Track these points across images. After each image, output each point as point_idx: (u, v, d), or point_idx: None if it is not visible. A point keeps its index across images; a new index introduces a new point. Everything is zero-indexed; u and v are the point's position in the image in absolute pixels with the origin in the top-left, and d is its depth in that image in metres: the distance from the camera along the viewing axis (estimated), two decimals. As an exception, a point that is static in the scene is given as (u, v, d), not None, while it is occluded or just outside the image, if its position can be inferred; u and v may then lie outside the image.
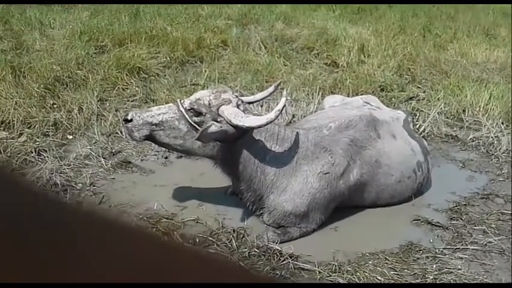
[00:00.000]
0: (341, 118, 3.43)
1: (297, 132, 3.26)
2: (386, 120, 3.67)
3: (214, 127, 2.86)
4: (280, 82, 3.59)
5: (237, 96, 3.02)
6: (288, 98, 4.53)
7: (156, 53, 5.97)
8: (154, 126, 2.95)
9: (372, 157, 3.40)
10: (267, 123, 2.93)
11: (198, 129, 2.87)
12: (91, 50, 5.72)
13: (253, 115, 3.04)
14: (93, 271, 0.41)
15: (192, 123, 2.91)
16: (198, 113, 2.92)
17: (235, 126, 2.87)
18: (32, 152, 3.68)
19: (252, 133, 3.04)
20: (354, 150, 3.33)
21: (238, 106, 2.96)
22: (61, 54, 5.33)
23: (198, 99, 2.96)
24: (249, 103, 3.47)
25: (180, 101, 3.00)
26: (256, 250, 2.98)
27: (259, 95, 3.61)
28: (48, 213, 0.46)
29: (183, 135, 2.97)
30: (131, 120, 2.94)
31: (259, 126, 2.93)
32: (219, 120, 2.90)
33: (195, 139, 2.88)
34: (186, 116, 2.92)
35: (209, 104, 2.93)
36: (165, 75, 5.52)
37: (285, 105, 3.01)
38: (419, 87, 5.89)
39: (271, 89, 3.49)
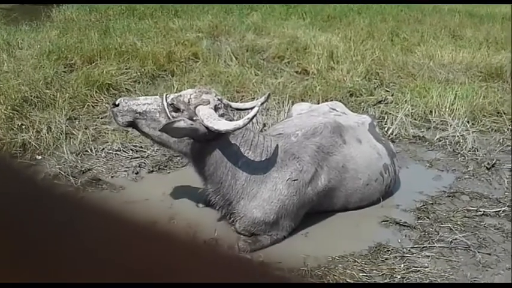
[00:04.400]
0: (307, 126, 3.50)
1: (270, 139, 3.32)
2: (351, 126, 3.74)
3: (183, 123, 2.94)
4: (270, 93, 3.65)
5: (219, 100, 3.09)
6: (260, 107, 4.60)
7: (126, 69, 5.98)
8: (138, 115, 3.10)
9: (338, 162, 3.46)
10: (234, 129, 3.00)
11: None
12: (60, 68, 5.71)
13: (229, 120, 3.08)
14: (94, 269, 0.40)
15: (170, 117, 3.01)
16: (177, 109, 3.04)
17: (206, 127, 2.94)
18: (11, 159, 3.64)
19: (227, 137, 3.10)
20: (321, 156, 3.39)
21: (217, 109, 3.02)
22: (29, 74, 5.29)
23: (180, 95, 3.10)
24: (238, 109, 3.52)
25: (166, 95, 3.13)
26: (227, 260, 3.00)
27: (248, 104, 3.66)
28: (50, 208, 0.45)
29: None
30: (118, 105, 3.09)
31: (227, 131, 2.99)
32: (194, 118, 2.98)
33: (158, 130, 2.96)
34: (167, 110, 3.04)
35: (188, 102, 3.03)
36: (135, 91, 5.53)
37: (255, 115, 3.08)
38: (387, 91, 6.01)
39: (262, 99, 3.54)
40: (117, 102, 3.14)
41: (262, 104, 3.64)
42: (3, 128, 4.23)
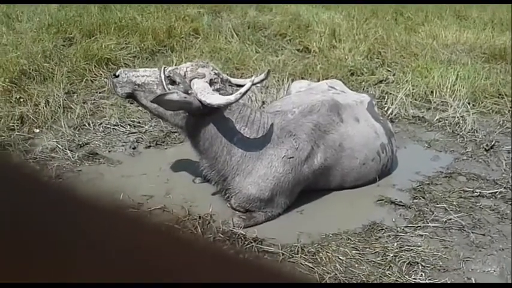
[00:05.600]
0: (304, 103, 3.48)
1: (267, 116, 3.31)
2: (349, 104, 3.72)
3: (175, 95, 2.94)
4: (269, 70, 3.58)
5: (216, 74, 3.06)
6: (258, 85, 4.56)
7: (125, 44, 5.92)
8: (136, 86, 3.11)
9: (335, 141, 3.45)
10: (226, 104, 2.99)
11: None
12: (59, 42, 5.66)
13: (225, 95, 3.04)
14: (96, 268, 0.39)
15: (167, 90, 3.01)
16: (173, 82, 3.04)
17: (200, 101, 2.93)
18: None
19: (223, 112, 3.09)
20: (318, 134, 3.37)
21: (212, 83, 3.00)
22: (28, 47, 5.25)
23: (177, 68, 3.10)
24: (238, 86, 3.44)
25: (164, 67, 3.13)
26: (221, 235, 3.02)
27: (249, 80, 3.60)
28: (51, 204, 0.44)
29: None
30: (118, 76, 3.11)
31: (219, 105, 2.97)
32: (189, 92, 2.98)
33: (150, 100, 2.97)
34: (163, 82, 3.04)
35: (184, 75, 3.03)
36: (134, 66, 5.48)
37: (248, 90, 3.04)
38: (389, 70, 5.95)
39: (261, 76, 3.48)
40: (117, 73, 3.15)
41: (261, 80, 3.59)
42: (1, 101, 4.22)
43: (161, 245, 0.45)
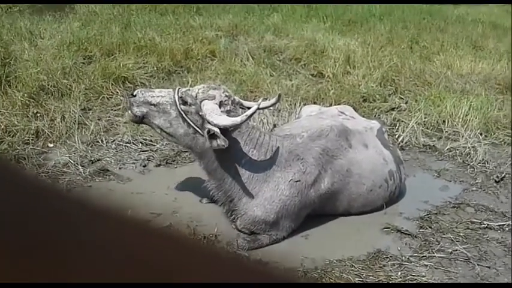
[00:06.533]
0: (313, 128, 3.51)
1: (276, 139, 3.35)
2: (358, 130, 3.75)
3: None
4: (280, 94, 3.63)
5: (227, 96, 3.13)
6: (271, 108, 4.62)
7: (143, 63, 6.06)
8: (152, 106, 3.17)
9: (343, 166, 3.47)
10: (232, 125, 3.05)
11: (183, 117, 3.10)
12: (79, 60, 5.81)
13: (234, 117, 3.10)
14: (95, 268, 0.39)
15: (179, 109, 3.10)
16: (185, 102, 3.12)
17: (208, 121, 3.01)
18: (11, 160, 3.75)
19: (231, 134, 3.14)
20: (325, 159, 3.40)
21: (222, 105, 3.07)
22: (48, 64, 5.40)
23: (189, 89, 3.20)
24: (249, 108, 3.47)
25: (178, 88, 3.22)
26: (224, 256, 3.03)
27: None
28: (50, 207, 0.45)
29: (171, 120, 3.15)
30: (135, 95, 3.19)
31: (225, 126, 3.02)
32: (200, 113, 3.05)
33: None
34: (177, 102, 3.11)
35: (196, 96, 3.11)
36: (150, 85, 5.60)
37: (254, 112, 3.09)
38: (401, 98, 5.97)
39: (273, 100, 3.55)
40: (134, 93, 3.24)
41: (272, 105, 3.66)
42: (19, 114, 4.34)
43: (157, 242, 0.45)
